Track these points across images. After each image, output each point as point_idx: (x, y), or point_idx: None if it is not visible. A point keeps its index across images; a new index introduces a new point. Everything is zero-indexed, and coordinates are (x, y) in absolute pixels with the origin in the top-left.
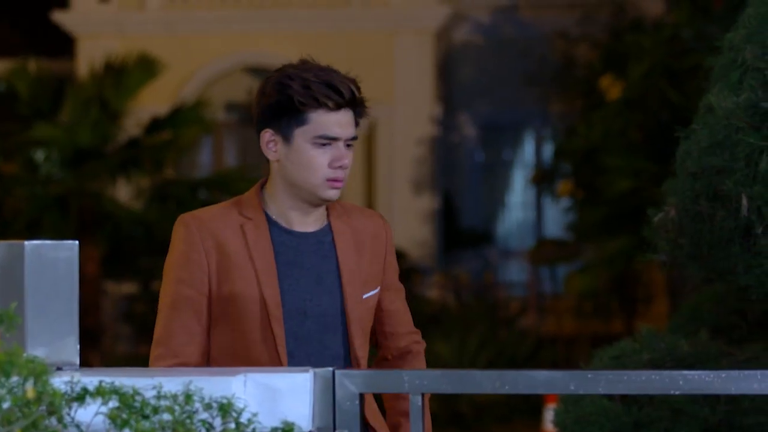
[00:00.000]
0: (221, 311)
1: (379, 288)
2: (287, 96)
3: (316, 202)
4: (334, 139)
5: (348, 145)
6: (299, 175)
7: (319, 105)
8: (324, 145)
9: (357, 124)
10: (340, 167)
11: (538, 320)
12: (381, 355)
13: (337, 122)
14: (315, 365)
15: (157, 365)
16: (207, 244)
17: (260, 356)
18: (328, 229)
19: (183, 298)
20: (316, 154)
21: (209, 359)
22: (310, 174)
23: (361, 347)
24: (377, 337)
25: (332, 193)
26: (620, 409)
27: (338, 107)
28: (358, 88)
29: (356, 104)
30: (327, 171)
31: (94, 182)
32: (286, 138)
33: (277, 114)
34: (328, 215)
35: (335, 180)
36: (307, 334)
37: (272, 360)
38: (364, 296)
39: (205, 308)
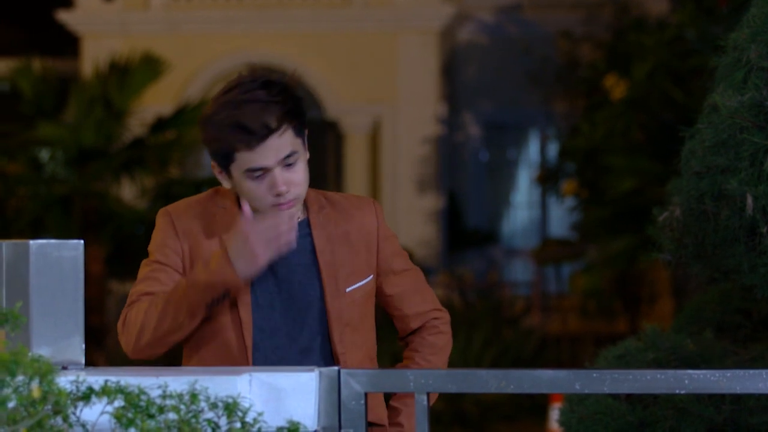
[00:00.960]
0: None
1: (370, 278)
2: (207, 141)
3: None
4: (263, 169)
5: (288, 164)
6: (250, 203)
7: (234, 149)
8: (258, 177)
9: (298, 133)
10: (278, 194)
11: (543, 319)
12: (399, 337)
13: (260, 154)
14: (281, 358)
15: (142, 303)
16: (181, 231)
17: (229, 341)
18: (305, 224)
19: (157, 280)
20: (253, 186)
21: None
22: (256, 203)
23: (341, 342)
24: (393, 322)
25: (285, 214)
26: (625, 409)
27: (256, 144)
28: (281, 110)
29: (277, 130)
30: (270, 198)
31: (98, 182)
32: (227, 173)
33: (210, 152)
34: (307, 210)
35: (280, 205)
36: (274, 327)
37: (239, 347)
38: (348, 289)
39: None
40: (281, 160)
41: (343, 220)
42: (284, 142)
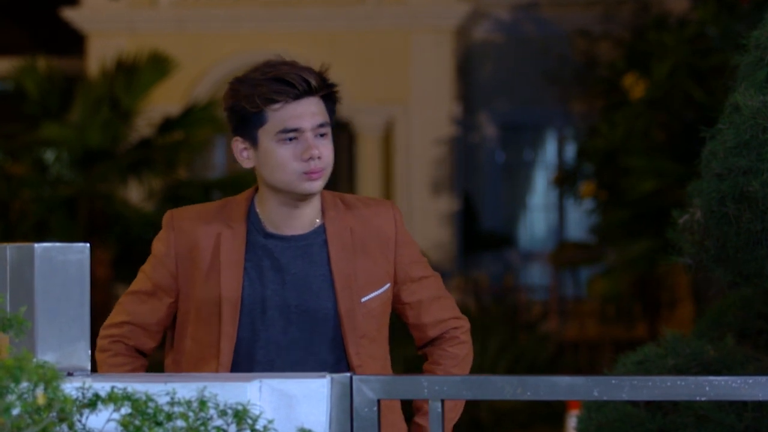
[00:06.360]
0: (186, 314)
1: (387, 286)
2: (238, 100)
3: (300, 198)
4: (297, 130)
5: (322, 135)
6: (274, 176)
7: (272, 101)
8: (291, 139)
9: (331, 111)
10: (311, 158)
11: (560, 324)
12: (417, 347)
13: (296, 113)
14: (299, 372)
15: (101, 340)
16: (180, 249)
17: (223, 359)
18: (321, 231)
19: (144, 292)
20: (283, 152)
21: (175, 361)
22: (282, 173)
23: (357, 354)
24: (409, 330)
25: (311, 186)
26: (644, 416)
27: (294, 98)
28: (318, 76)
29: (316, 92)
30: (299, 165)
31: (104, 183)
32: (254, 142)
33: (237, 120)
34: (323, 215)
35: (311, 172)
36: (292, 341)
37: (222, 366)
38: (364, 299)
39: (165, 308)
40: (316, 127)
41: (360, 226)
42: (321, 109)
